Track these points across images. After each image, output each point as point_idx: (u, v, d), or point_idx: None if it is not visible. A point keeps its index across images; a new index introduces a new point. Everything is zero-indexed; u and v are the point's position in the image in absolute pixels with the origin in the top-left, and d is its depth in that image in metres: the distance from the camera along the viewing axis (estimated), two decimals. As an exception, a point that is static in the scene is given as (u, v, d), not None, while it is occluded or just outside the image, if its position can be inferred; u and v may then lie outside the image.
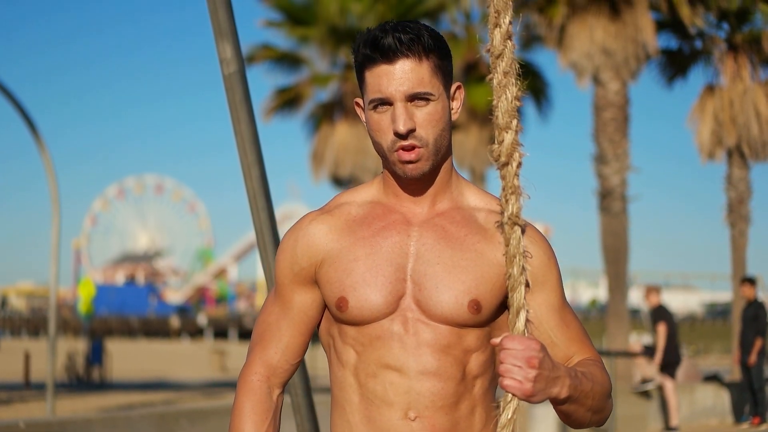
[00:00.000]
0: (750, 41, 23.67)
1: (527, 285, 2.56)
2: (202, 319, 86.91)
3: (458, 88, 2.73)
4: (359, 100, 2.77)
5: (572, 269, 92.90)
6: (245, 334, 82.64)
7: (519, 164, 2.44)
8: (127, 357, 47.96)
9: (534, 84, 29.18)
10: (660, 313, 17.47)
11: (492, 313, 2.69)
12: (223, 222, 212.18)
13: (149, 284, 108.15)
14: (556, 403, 2.52)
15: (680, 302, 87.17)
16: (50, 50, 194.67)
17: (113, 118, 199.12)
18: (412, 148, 2.63)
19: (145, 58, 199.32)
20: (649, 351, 18.03)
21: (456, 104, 2.73)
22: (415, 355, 2.65)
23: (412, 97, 2.62)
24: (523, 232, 2.50)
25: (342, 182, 29.28)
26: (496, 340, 2.43)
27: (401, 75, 2.61)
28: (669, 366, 17.30)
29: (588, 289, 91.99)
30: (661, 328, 17.21)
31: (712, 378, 19.67)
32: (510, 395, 2.43)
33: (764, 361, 17.41)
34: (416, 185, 2.73)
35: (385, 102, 2.63)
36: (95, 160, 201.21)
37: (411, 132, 2.62)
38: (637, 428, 17.31)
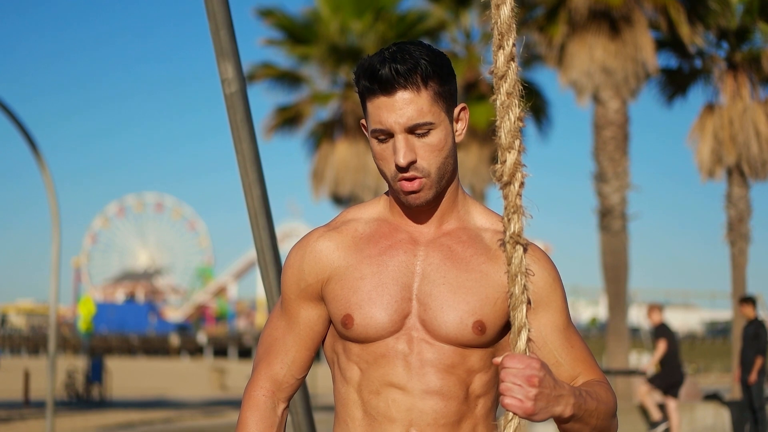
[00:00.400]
0: (750, 60, 23.72)
1: (529, 304, 2.56)
2: (201, 338, 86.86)
3: (462, 109, 2.73)
4: (364, 123, 2.77)
5: (572, 287, 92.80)
6: (245, 353, 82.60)
7: (521, 184, 2.44)
8: (126, 375, 47.90)
9: (534, 102, 29.20)
10: (661, 331, 17.45)
11: (496, 334, 2.70)
12: (223, 240, 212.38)
13: (149, 302, 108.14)
14: (560, 421, 2.52)
15: (680, 321, 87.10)
16: (50, 67, 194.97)
17: (113, 136, 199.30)
18: (413, 178, 2.64)
19: (145, 76, 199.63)
20: (655, 380, 17.78)
21: (460, 126, 2.73)
22: (419, 374, 2.66)
23: (412, 129, 2.62)
24: (525, 251, 2.51)
25: (342, 200, 29.28)
26: (498, 359, 2.43)
27: (400, 107, 2.61)
28: (672, 386, 17.26)
29: (588, 308, 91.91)
30: (661, 344, 17.18)
31: (713, 397, 19.64)
32: (511, 414, 2.43)
33: (765, 380, 17.39)
34: (422, 209, 2.74)
35: (386, 133, 2.64)
36: (95, 178, 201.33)
37: (412, 164, 2.63)
38: (638, 447, 17.29)
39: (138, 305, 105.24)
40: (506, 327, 2.71)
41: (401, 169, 2.63)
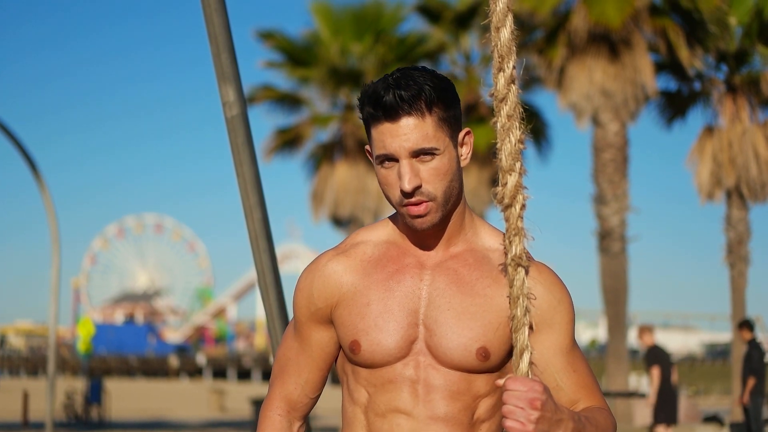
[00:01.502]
0: (749, 83, 23.76)
1: (531, 327, 2.57)
2: (201, 359, 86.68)
3: (467, 133, 2.73)
4: (369, 148, 2.78)
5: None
6: (244, 374, 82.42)
7: (523, 206, 2.44)
8: (125, 396, 47.79)
9: (533, 125, 29.25)
10: (654, 356, 17.35)
11: (501, 359, 2.69)
12: (223, 261, 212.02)
13: (148, 323, 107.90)
14: None
15: (680, 343, 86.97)
16: (49, 87, 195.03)
17: (113, 157, 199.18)
18: (420, 202, 2.64)
19: (145, 96, 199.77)
20: (660, 414, 17.58)
21: (465, 150, 2.73)
22: (425, 400, 2.67)
23: (417, 153, 2.62)
24: (527, 273, 2.51)
25: (342, 222, 29.30)
26: (500, 382, 2.44)
27: (405, 132, 2.62)
28: (662, 412, 17.15)
29: (587, 330, 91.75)
30: (655, 372, 17.12)
31: (712, 419, 19.64)
32: None
33: (763, 402, 17.36)
34: (429, 233, 2.74)
35: (391, 158, 2.65)
36: (95, 199, 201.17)
37: (417, 189, 2.63)
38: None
39: (137, 326, 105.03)
40: (511, 350, 2.69)
41: (407, 195, 2.63)
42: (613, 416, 2.69)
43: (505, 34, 2.43)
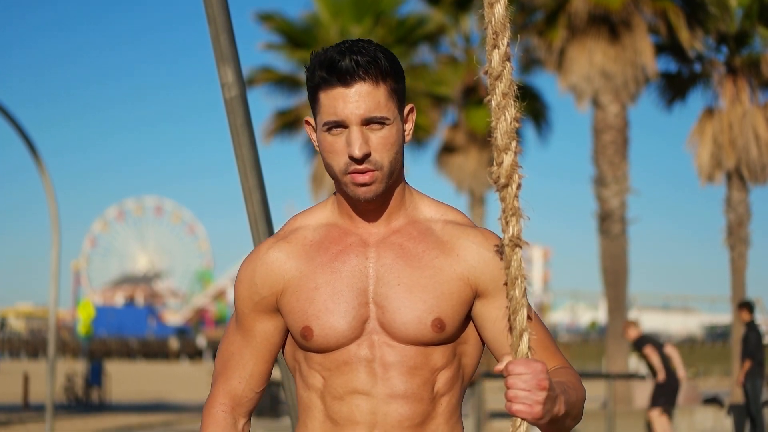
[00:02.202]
0: (749, 64, 23.73)
1: (489, 296, 2.59)
2: (201, 341, 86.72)
3: (411, 110, 2.72)
4: (310, 120, 2.75)
5: (571, 292, 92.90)
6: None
7: (519, 186, 2.40)
8: (126, 378, 47.83)
9: (533, 107, 29.23)
10: (643, 339, 17.30)
11: (457, 329, 2.67)
12: (223, 243, 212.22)
13: (148, 306, 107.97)
14: (551, 421, 2.44)
15: (680, 324, 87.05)
16: (50, 71, 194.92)
17: (113, 139, 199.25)
18: (366, 171, 2.61)
19: (146, 80, 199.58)
20: (659, 395, 17.55)
21: (408, 126, 2.71)
22: (383, 379, 2.65)
23: (368, 121, 2.60)
24: (473, 240, 2.49)
25: (342, 204, 29.28)
26: (500, 366, 2.37)
27: (357, 98, 2.59)
28: (662, 395, 17.11)
29: (587, 312, 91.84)
30: (649, 349, 17.07)
31: (712, 400, 19.66)
32: (519, 420, 2.41)
33: (763, 384, 17.39)
34: (370, 207, 2.71)
35: (340, 125, 2.61)
36: (95, 182, 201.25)
37: (366, 156, 2.61)
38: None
39: (137, 309, 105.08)
40: (465, 320, 2.69)
41: (355, 161, 2.60)
42: (576, 373, 2.67)
43: (500, 9, 2.37)
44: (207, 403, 2.87)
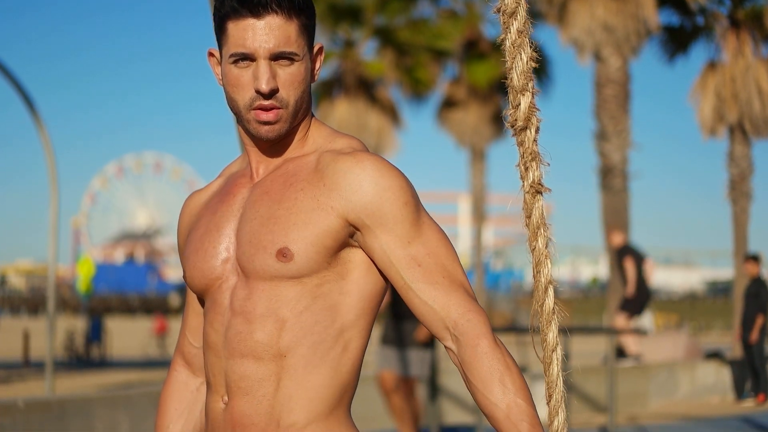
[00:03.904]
0: (752, 17, 23.55)
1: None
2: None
3: (320, 49, 2.58)
4: (214, 51, 2.60)
5: (573, 247, 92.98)
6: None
7: (537, 129, 2.25)
8: (126, 335, 47.97)
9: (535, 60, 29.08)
10: (625, 250, 17.39)
11: (309, 260, 2.42)
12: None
13: (148, 262, 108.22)
14: None
15: (681, 279, 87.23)
16: (52, 32, 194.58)
17: (113, 99, 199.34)
18: (271, 107, 2.46)
19: (147, 41, 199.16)
20: (628, 305, 17.98)
21: (317, 65, 2.58)
22: (230, 326, 2.47)
23: (277, 56, 2.46)
24: (348, 167, 2.40)
25: (342, 160, 29.23)
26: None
27: (268, 31, 2.44)
28: (631, 303, 17.37)
29: (588, 267, 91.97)
30: (628, 262, 17.10)
31: (714, 355, 19.62)
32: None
33: (765, 339, 17.35)
34: (268, 145, 2.55)
35: (248, 57, 2.46)
36: (94, 139, 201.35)
37: (273, 92, 2.46)
38: (638, 405, 17.25)
39: (137, 265, 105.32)
40: (323, 254, 2.43)
41: (262, 96, 2.45)
42: (501, 344, 2.37)
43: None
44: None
